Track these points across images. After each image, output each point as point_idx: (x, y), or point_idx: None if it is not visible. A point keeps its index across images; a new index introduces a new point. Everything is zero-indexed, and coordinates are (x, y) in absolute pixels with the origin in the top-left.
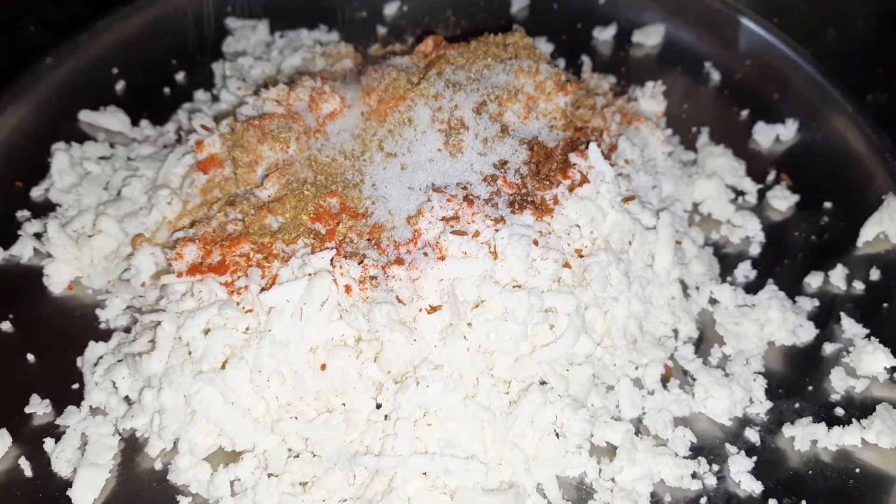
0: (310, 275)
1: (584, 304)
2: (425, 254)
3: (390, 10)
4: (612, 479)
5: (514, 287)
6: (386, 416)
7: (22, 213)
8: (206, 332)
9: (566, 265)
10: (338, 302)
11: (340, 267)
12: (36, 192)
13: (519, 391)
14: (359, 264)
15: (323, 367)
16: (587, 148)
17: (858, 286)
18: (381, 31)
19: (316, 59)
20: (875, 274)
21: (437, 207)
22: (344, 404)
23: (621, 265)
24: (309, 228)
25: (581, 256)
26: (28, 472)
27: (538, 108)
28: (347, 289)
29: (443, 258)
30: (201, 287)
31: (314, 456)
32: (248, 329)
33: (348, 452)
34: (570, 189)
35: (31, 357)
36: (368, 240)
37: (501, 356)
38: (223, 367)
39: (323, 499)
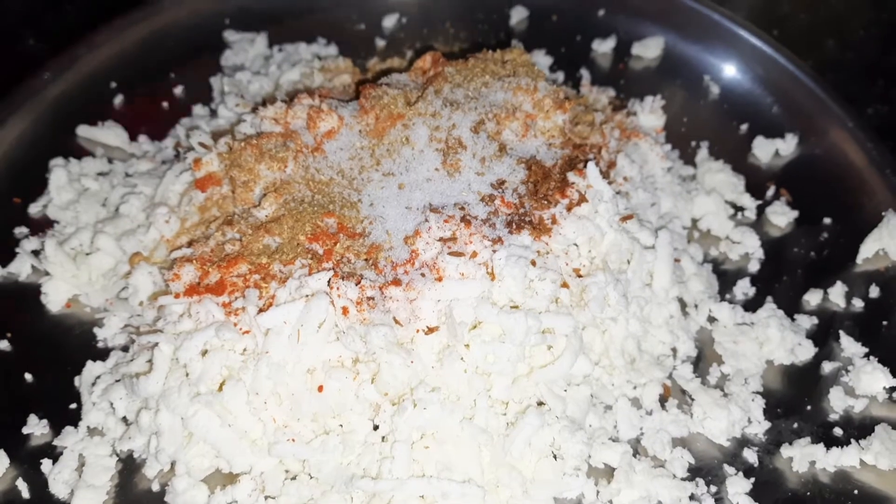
0: (307, 296)
1: (582, 324)
2: (423, 275)
3: (389, 22)
4: (610, 502)
5: (511, 308)
6: (383, 438)
7: (20, 230)
8: (204, 353)
9: (564, 285)
10: (335, 323)
11: (338, 288)
12: (34, 209)
13: (516, 413)
14: (356, 285)
15: (320, 388)
16: (585, 167)
17: (858, 304)
18: (380, 44)
19: (314, 73)
20: (874, 291)
21: (435, 228)
22: (341, 426)
23: (619, 285)
24: (306, 249)
25: (579, 276)
26: (25, 494)
27: (536, 126)
28: (345, 311)
29: (440, 279)
30: (199, 308)
31: (311, 478)
32: (245, 350)
33: (346, 475)
34: (569, 208)
35: (28, 376)
36: (366, 260)
37: (499, 378)
38: (220, 388)
39: None
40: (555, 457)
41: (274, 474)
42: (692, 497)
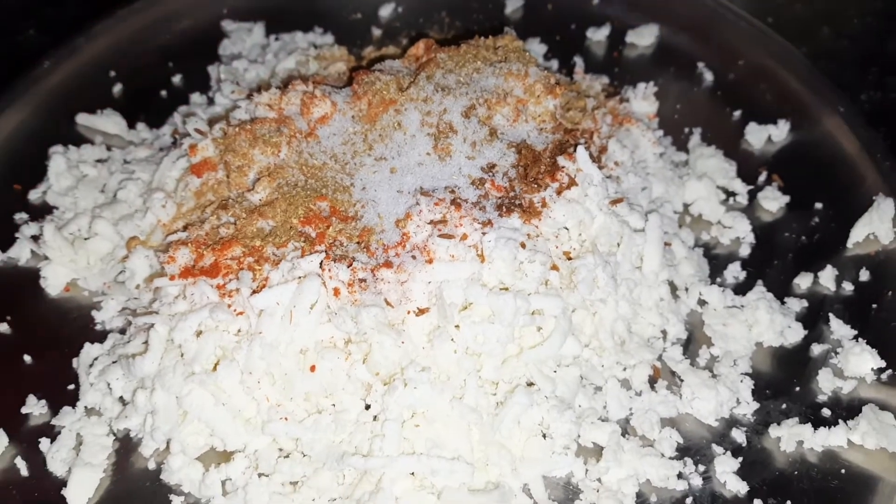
0: (299, 278)
1: (572, 306)
2: (413, 257)
3: (385, 11)
4: (599, 480)
5: (501, 290)
6: (375, 417)
7: (20, 216)
8: (198, 334)
9: (554, 268)
10: (327, 305)
11: (329, 270)
12: (34, 195)
13: (506, 393)
14: (348, 267)
15: (312, 368)
16: (575, 151)
17: (848, 287)
18: (376, 32)
19: (310, 62)
20: (864, 275)
21: (426, 211)
22: (333, 405)
23: (608, 268)
24: (299, 232)
25: (569, 259)
26: (24, 472)
27: (527, 111)
28: (336, 292)
29: (431, 261)
30: (193, 290)
31: (304, 456)
32: (239, 331)
33: (337, 453)
34: (558, 192)
35: (27, 358)
36: (358, 243)
37: (488, 358)
38: (215, 368)
39: (312, 498)
40: (544, 436)
41: (267, 452)
42: (680, 476)
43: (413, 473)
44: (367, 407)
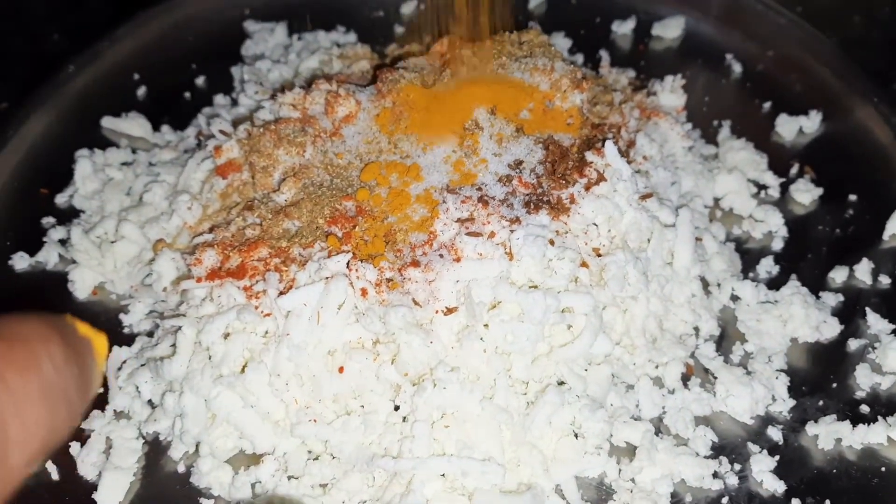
0: (326, 278)
1: (602, 303)
2: (441, 255)
3: (407, 9)
4: (632, 480)
5: (530, 288)
6: (404, 418)
7: (47, 220)
8: (226, 336)
9: (583, 265)
10: (354, 305)
11: (356, 270)
12: (60, 199)
13: (536, 392)
14: (375, 267)
15: (341, 370)
16: (603, 146)
17: (884, 280)
18: (399, 30)
19: (333, 61)
20: None
21: (452, 209)
22: (362, 406)
23: (639, 264)
24: (325, 232)
25: (599, 255)
26: (55, 476)
27: (553, 106)
28: (363, 292)
29: (458, 260)
30: (220, 292)
31: (333, 458)
32: (266, 333)
33: (367, 454)
34: (587, 188)
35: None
36: (385, 242)
37: (518, 357)
38: (242, 370)
39: (342, 500)
40: (576, 436)
41: (296, 455)
42: (715, 475)
43: (444, 475)
44: (397, 408)
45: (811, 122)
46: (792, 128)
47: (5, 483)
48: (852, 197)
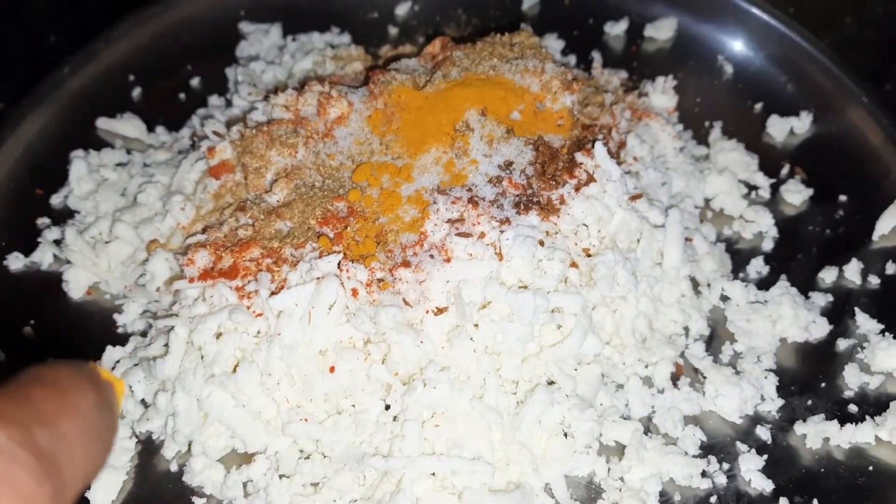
0: (318, 279)
1: (592, 303)
2: (431, 256)
3: (401, 10)
4: (621, 479)
5: (520, 288)
6: (395, 417)
7: (42, 221)
8: (218, 336)
9: (573, 265)
10: (345, 305)
11: (347, 270)
12: (55, 200)
13: (526, 392)
14: (366, 267)
15: (332, 369)
16: (593, 147)
17: (874, 281)
18: (393, 31)
19: (326, 62)
20: (891, 268)
21: (443, 210)
22: (353, 406)
23: (628, 264)
24: (317, 232)
25: (589, 256)
26: None
27: (544, 107)
28: (354, 292)
29: (449, 260)
30: (212, 292)
31: (324, 457)
32: (258, 333)
33: (357, 453)
34: (577, 189)
35: (51, 361)
36: (376, 243)
37: (508, 357)
38: (234, 370)
39: (333, 499)
40: (565, 435)
41: (288, 454)
42: (704, 474)
43: (434, 474)
44: (387, 407)
45: (802, 123)
46: (783, 129)
47: None
48: (842, 198)
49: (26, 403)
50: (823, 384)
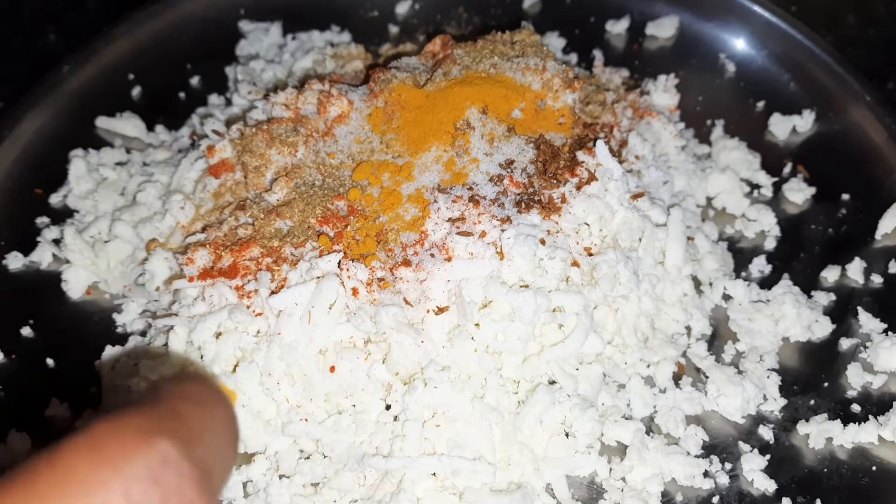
0: (318, 278)
1: (594, 302)
2: (432, 255)
3: (402, 8)
4: (623, 479)
5: (521, 287)
6: (395, 418)
7: (41, 220)
8: (218, 335)
9: (575, 264)
10: (346, 304)
11: (348, 270)
12: (55, 199)
13: (527, 391)
14: (366, 266)
15: (332, 369)
16: (595, 145)
17: (877, 280)
18: (393, 30)
19: (326, 60)
20: (894, 267)
21: (444, 208)
22: (354, 405)
23: (630, 263)
24: (317, 231)
25: (590, 255)
26: None
27: (545, 106)
28: (355, 291)
29: (449, 259)
30: (212, 291)
31: (325, 457)
32: (258, 332)
33: (358, 453)
34: (578, 187)
35: (50, 361)
36: (376, 242)
37: (509, 356)
38: (234, 370)
39: (334, 500)
40: (567, 435)
41: (288, 454)
42: (706, 474)
43: (434, 474)
44: (388, 407)
45: (804, 122)
46: (785, 127)
47: None
48: (845, 196)
49: (181, 420)
50: (826, 384)
